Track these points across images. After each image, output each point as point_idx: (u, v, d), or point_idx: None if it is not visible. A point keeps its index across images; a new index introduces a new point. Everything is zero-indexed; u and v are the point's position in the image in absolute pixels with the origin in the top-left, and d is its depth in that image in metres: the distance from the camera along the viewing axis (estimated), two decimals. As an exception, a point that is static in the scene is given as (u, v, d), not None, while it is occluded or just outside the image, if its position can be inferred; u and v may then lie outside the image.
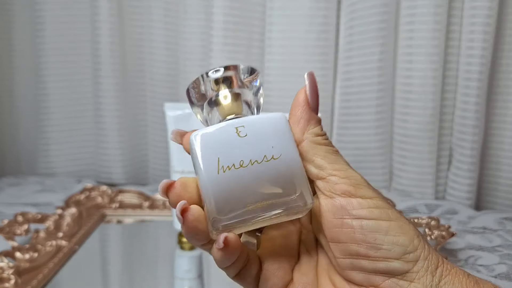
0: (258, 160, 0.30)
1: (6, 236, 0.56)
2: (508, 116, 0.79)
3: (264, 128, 0.30)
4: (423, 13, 0.76)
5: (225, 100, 0.32)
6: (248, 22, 0.83)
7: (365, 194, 0.30)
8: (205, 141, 0.30)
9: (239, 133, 0.30)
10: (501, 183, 0.81)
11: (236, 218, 0.29)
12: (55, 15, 0.88)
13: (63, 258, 0.55)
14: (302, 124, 0.31)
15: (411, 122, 0.80)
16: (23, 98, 0.93)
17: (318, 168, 0.31)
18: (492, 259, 0.58)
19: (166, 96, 0.89)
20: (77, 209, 0.66)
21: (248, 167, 0.29)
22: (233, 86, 0.32)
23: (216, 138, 0.30)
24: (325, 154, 0.31)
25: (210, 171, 0.29)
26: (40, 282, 0.49)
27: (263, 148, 0.30)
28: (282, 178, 0.30)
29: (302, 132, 0.31)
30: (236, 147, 0.30)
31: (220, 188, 0.29)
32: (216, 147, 0.30)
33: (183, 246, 0.60)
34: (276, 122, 0.31)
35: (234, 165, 0.29)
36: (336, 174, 0.30)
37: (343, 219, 0.30)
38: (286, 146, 0.30)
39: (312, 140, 0.31)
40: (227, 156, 0.29)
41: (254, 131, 0.30)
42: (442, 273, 0.29)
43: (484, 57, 0.75)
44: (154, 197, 0.73)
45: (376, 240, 0.29)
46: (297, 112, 0.32)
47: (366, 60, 0.79)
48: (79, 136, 0.93)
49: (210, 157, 0.29)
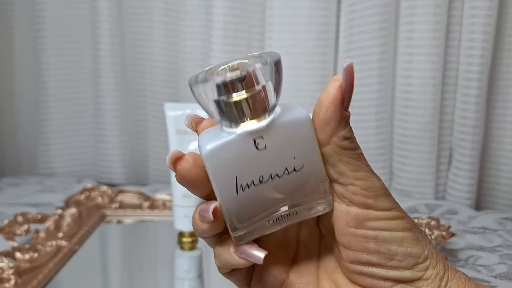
0: (278, 174, 0.27)
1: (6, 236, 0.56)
2: (508, 116, 0.79)
3: (285, 136, 0.27)
4: (423, 13, 0.76)
5: (238, 105, 0.27)
6: (248, 22, 0.83)
7: (384, 206, 0.29)
8: (219, 159, 0.26)
9: (257, 145, 0.27)
10: (501, 183, 0.81)
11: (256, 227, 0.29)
12: (55, 15, 0.88)
13: (63, 258, 0.55)
14: (332, 126, 0.28)
15: (411, 122, 0.80)
16: (23, 98, 0.93)
17: (338, 174, 0.29)
18: (492, 259, 0.58)
19: (166, 96, 0.89)
20: (77, 209, 0.66)
21: (268, 181, 0.27)
22: (249, 85, 0.27)
23: (231, 154, 0.26)
24: (349, 159, 0.28)
25: (228, 192, 0.27)
26: (40, 283, 0.49)
27: (284, 160, 0.27)
28: (304, 188, 0.28)
29: (329, 136, 0.28)
30: (254, 162, 0.27)
31: (240, 206, 0.28)
32: (232, 165, 0.27)
33: (183, 246, 0.60)
34: (299, 127, 0.27)
35: (254, 182, 0.27)
36: (357, 184, 0.28)
37: (357, 229, 0.29)
38: (309, 155, 0.28)
39: (339, 144, 0.28)
40: (245, 173, 0.27)
41: (274, 142, 0.27)
42: (448, 279, 0.30)
43: (484, 57, 0.75)
44: (154, 197, 0.73)
45: (390, 251, 0.29)
46: (328, 111, 0.27)
47: (366, 60, 0.79)
48: (79, 136, 0.93)
49: (226, 176, 0.27)
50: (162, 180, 0.91)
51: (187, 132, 0.59)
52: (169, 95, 0.89)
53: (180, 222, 0.60)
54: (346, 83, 0.27)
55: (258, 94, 0.27)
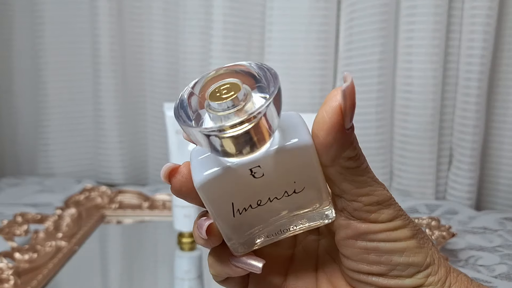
0: (277, 197, 0.26)
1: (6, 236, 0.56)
2: (508, 116, 0.79)
3: (285, 163, 0.25)
4: (423, 13, 0.76)
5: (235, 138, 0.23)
6: (248, 22, 0.83)
7: (386, 218, 0.28)
8: (214, 189, 0.25)
9: (254, 174, 0.25)
10: (501, 183, 0.81)
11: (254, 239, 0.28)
12: (54, 16, 0.88)
13: (63, 258, 0.55)
14: (335, 150, 0.26)
15: (411, 122, 0.80)
16: (22, 98, 0.93)
17: (342, 191, 0.27)
18: (492, 259, 0.58)
19: (165, 96, 0.89)
20: (76, 210, 0.66)
21: (266, 204, 0.26)
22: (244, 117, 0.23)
23: (226, 183, 0.25)
24: (354, 177, 0.27)
25: (225, 216, 0.26)
26: (39, 283, 0.49)
27: (284, 185, 0.26)
28: (305, 204, 0.27)
29: (333, 159, 0.26)
30: (251, 189, 0.25)
31: (238, 226, 0.27)
32: (228, 193, 0.25)
33: (183, 247, 0.60)
34: (300, 153, 0.25)
35: (251, 205, 0.26)
36: (360, 201, 0.27)
37: (357, 241, 0.28)
38: (310, 178, 0.26)
39: (344, 165, 0.26)
40: (242, 199, 0.26)
41: (273, 169, 0.25)
42: (451, 282, 0.29)
43: (484, 57, 0.75)
44: (154, 198, 0.73)
45: (392, 261, 0.28)
46: (328, 137, 0.25)
47: (366, 60, 0.79)
48: (79, 137, 0.93)
49: (222, 204, 0.26)
50: (162, 180, 0.91)
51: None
52: (168, 95, 0.89)
53: (179, 222, 0.60)
54: (347, 104, 0.25)
55: (257, 125, 0.23)
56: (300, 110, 0.81)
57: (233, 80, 0.24)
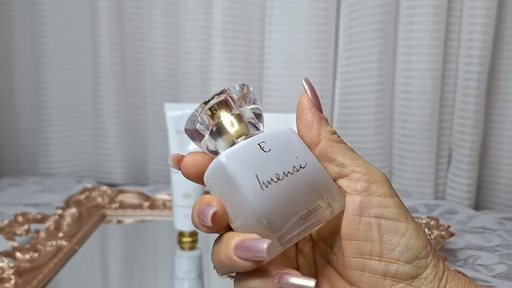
0: (290, 172, 0.29)
1: (7, 236, 0.56)
2: (507, 116, 0.79)
3: (281, 141, 0.30)
4: (422, 13, 0.76)
5: (228, 126, 0.31)
6: (248, 22, 0.83)
7: (385, 193, 0.30)
8: (236, 160, 0.28)
9: (263, 148, 0.29)
10: (500, 183, 0.81)
11: (289, 231, 0.28)
12: (55, 16, 0.89)
13: (63, 258, 0.55)
14: (315, 125, 0.32)
15: (410, 122, 0.80)
16: (23, 98, 0.93)
17: (340, 166, 0.31)
18: (491, 259, 0.58)
19: (166, 96, 0.89)
20: (77, 209, 0.66)
21: (284, 179, 0.29)
22: (231, 109, 0.31)
23: (244, 156, 0.28)
24: (344, 151, 0.31)
25: (254, 189, 0.28)
26: (40, 282, 0.49)
27: (289, 160, 0.29)
28: (315, 184, 0.30)
29: (318, 133, 0.32)
30: (265, 162, 0.29)
31: (269, 205, 0.28)
32: (249, 164, 0.28)
33: (183, 246, 0.61)
34: (288, 135, 0.31)
35: (272, 179, 0.28)
36: (358, 171, 0.31)
37: (361, 217, 0.30)
38: (306, 155, 0.30)
39: (330, 138, 0.32)
40: (263, 171, 0.28)
41: (275, 145, 0.30)
42: (447, 279, 0.30)
43: (483, 57, 0.75)
44: (154, 197, 0.73)
45: (392, 241, 0.29)
46: (307, 116, 0.32)
47: (366, 60, 0.79)
48: (79, 137, 0.93)
49: (248, 175, 0.28)
50: (162, 180, 0.92)
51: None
52: (169, 95, 0.89)
53: (180, 222, 0.60)
54: (310, 90, 0.33)
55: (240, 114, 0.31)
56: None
57: None
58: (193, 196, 0.59)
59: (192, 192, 0.59)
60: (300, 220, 0.29)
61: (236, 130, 0.31)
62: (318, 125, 0.32)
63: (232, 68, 0.83)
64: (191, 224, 0.57)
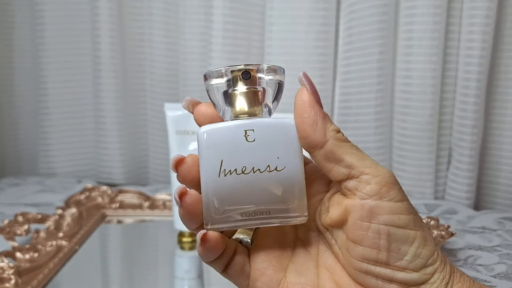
0: (260, 169, 0.29)
1: (7, 236, 0.56)
2: (507, 116, 0.79)
3: (273, 135, 0.30)
4: (422, 13, 0.76)
5: (240, 97, 0.31)
6: (247, 23, 0.83)
7: (396, 197, 0.29)
8: (212, 139, 0.29)
9: (247, 137, 0.29)
10: (500, 183, 0.81)
11: (229, 219, 0.30)
12: (55, 16, 0.89)
13: (64, 258, 0.55)
14: (321, 124, 0.29)
15: (410, 122, 0.80)
16: (23, 98, 0.93)
17: (348, 168, 0.29)
18: (491, 258, 0.58)
19: (166, 96, 0.89)
20: (77, 209, 0.66)
21: (249, 174, 0.29)
22: (252, 84, 0.31)
23: (223, 138, 0.29)
24: (352, 151, 0.30)
25: (212, 172, 0.29)
26: (40, 282, 0.49)
27: (268, 158, 0.29)
28: (281, 191, 0.30)
29: (323, 133, 0.29)
30: (241, 151, 0.29)
31: (219, 191, 0.29)
32: (221, 148, 0.29)
33: (183, 246, 0.61)
34: (285, 130, 0.30)
35: (236, 170, 0.29)
36: (368, 172, 0.29)
37: (370, 223, 0.29)
38: (292, 158, 0.30)
39: (336, 138, 0.30)
40: (231, 160, 0.29)
41: (263, 137, 0.30)
42: (454, 281, 0.29)
43: (483, 57, 0.75)
44: (154, 197, 0.73)
45: (400, 251, 0.29)
46: (310, 114, 0.30)
47: (366, 60, 0.79)
48: (79, 137, 0.93)
49: (214, 157, 0.29)
50: (162, 180, 0.92)
51: (187, 132, 0.59)
52: (169, 95, 0.89)
53: (180, 222, 0.60)
54: (309, 86, 0.30)
55: (257, 93, 0.31)
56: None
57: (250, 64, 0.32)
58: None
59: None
60: (248, 215, 0.30)
61: (242, 106, 0.31)
62: (323, 124, 0.30)
63: (232, 68, 0.83)
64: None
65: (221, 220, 0.30)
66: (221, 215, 0.30)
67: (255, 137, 0.29)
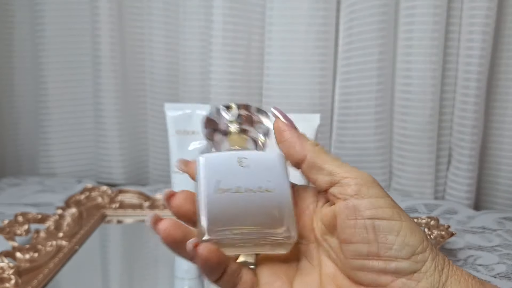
0: (253, 189, 0.32)
1: (7, 236, 0.56)
2: (507, 116, 0.80)
3: (264, 163, 0.34)
4: (422, 14, 0.76)
5: (234, 133, 0.37)
6: (247, 23, 0.83)
7: (376, 193, 0.31)
8: (209, 163, 0.33)
9: (240, 162, 0.33)
10: (500, 183, 0.81)
11: (223, 236, 0.31)
12: (55, 16, 0.89)
13: (64, 258, 0.55)
14: (298, 142, 0.34)
15: (410, 122, 0.80)
16: (23, 98, 0.93)
17: (330, 175, 0.32)
18: (491, 258, 0.59)
19: (166, 96, 0.89)
20: (77, 209, 0.66)
21: (243, 193, 0.32)
22: (243, 123, 0.37)
23: (219, 163, 0.33)
24: (331, 159, 0.33)
25: (209, 189, 0.32)
26: (40, 282, 0.49)
27: (260, 180, 0.33)
28: (272, 210, 0.32)
29: (302, 148, 0.33)
30: (235, 174, 0.33)
31: (215, 207, 0.31)
32: (218, 170, 0.33)
33: (183, 246, 0.61)
34: (275, 160, 0.34)
35: (231, 189, 0.32)
36: (348, 176, 0.32)
37: (356, 220, 0.31)
38: (281, 183, 0.33)
39: (314, 150, 0.33)
40: (227, 180, 0.32)
41: (255, 164, 0.33)
42: (448, 273, 0.30)
43: (483, 57, 0.75)
44: (154, 197, 0.74)
45: (388, 240, 0.30)
46: (287, 136, 0.34)
47: (366, 60, 0.79)
48: (80, 137, 0.94)
49: (211, 177, 0.32)
50: (162, 180, 0.92)
51: (187, 132, 0.60)
52: (169, 95, 0.89)
53: (180, 222, 0.60)
54: (282, 115, 0.35)
55: (248, 130, 0.37)
56: (299, 110, 0.82)
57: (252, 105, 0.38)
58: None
59: (192, 192, 0.60)
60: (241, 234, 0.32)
61: (235, 141, 0.36)
62: (300, 141, 0.34)
63: (232, 68, 0.83)
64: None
65: (215, 235, 0.31)
66: (215, 232, 0.31)
67: (248, 164, 0.33)
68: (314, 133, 0.60)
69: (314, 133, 0.60)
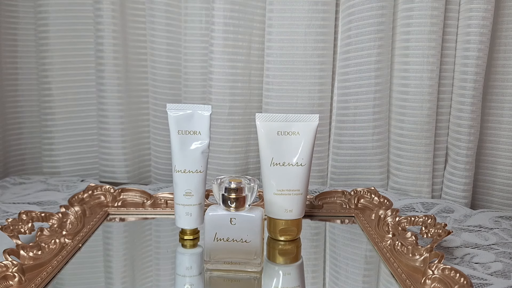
0: (237, 240, 0.52)
1: (11, 234, 0.56)
2: (504, 116, 0.80)
3: (245, 222, 0.52)
4: (420, 15, 0.76)
5: (229, 199, 0.53)
6: (248, 25, 0.84)
7: None
8: (212, 220, 0.52)
9: (231, 221, 0.52)
10: (496, 182, 0.82)
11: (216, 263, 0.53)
12: (58, 17, 0.89)
13: (67, 256, 0.56)
14: None
15: (407, 122, 0.80)
16: (27, 98, 0.94)
17: None
18: (487, 257, 0.59)
19: (168, 96, 0.90)
20: (80, 208, 0.67)
21: (231, 242, 0.52)
22: (238, 192, 0.53)
23: (218, 220, 0.52)
24: None
25: (210, 239, 0.53)
26: (44, 280, 0.50)
27: (242, 234, 0.52)
28: (248, 251, 0.52)
29: None
30: (228, 229, 0.52)
31: (213, 248, 0.53)
32: (217, 225, 0.52)
33: (185, 244, 0.61)
34: (252, 219, 0.52)
35: (223, 238, 0.52)
36: None
37: None
38: (255, 236, 0.52)
39: None
40: (222, 232, 0.52)
41: (240, 223, 0.52)
42: None
43: (480, 58, 0.75)
44: (156, 196, 0.74)
45: None
46: None
47: (364, 61, 0.80)
48: (83, 136, 0.94)
49: (212, 230, 0.52)
50: (164, 179, 0.92)
51: (188, 132, 0.60)
52: (171, 96, 0.90)
53: (181, 220, 0.61)
54: None
55: (242, 198, 0.53)
56: (298, 111, 0.82)
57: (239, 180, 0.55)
58: (194, 195, 0.60)
59: (193, 191, 0.60)
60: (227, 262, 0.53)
61: (230, 204, 0.53)
62: None
63: (233, 69, 0.84)
64: (192, 222, 0.59)
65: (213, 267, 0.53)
66: (213, 264, 0.53)
67: (236, 222, 0.52)
68: (313, 133, 0.61)
69: (313, 133, 0.61)
